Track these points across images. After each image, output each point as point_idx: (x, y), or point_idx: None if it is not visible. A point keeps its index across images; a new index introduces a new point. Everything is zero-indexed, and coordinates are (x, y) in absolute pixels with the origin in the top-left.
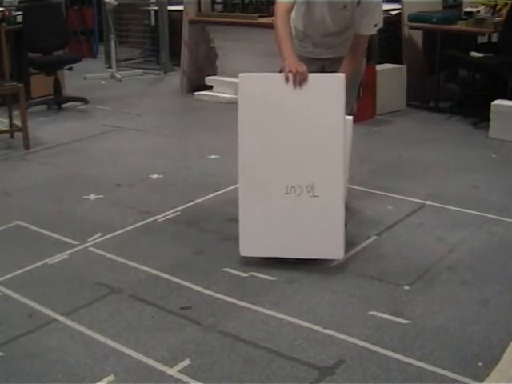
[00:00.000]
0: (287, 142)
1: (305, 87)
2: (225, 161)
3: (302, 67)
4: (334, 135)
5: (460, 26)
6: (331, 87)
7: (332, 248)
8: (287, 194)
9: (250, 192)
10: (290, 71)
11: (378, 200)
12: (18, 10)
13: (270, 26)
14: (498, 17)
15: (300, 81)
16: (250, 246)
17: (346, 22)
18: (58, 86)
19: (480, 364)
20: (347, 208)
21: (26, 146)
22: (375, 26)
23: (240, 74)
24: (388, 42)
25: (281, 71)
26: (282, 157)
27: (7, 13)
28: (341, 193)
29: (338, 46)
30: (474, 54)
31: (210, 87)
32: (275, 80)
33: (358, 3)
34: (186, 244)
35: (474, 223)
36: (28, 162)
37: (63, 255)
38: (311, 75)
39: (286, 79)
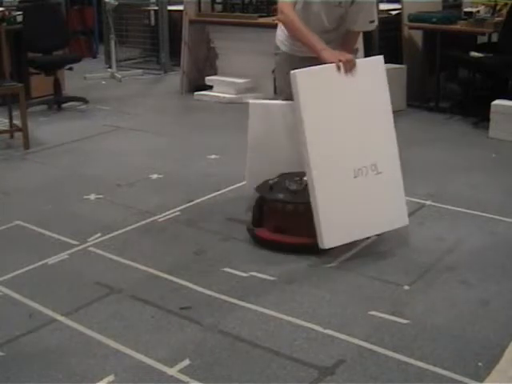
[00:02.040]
0: (348, 127)
1: (354, 73)
2: (225, 161)
3: (348, 55)
4: (385, 112)
5: (460, 26)
6: (375, 70)
7: (399, 217)
8: (356, 177)
9: (325, 184)
10: (339, 60)
11: None
12: (18, 9)
13: (270, 26)
14: (497, 17)
15: (350, 68)
16: (332, 236)
17: (339, 18)
18: (57, 86)
19: (480, 364)
20: None
21: (26, 146)
22: (371, 22)
23: (292, 72)
24: (388, 41)
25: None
26: (347, 142)
27: (7, 13)
28: (398, 164)
29: (331, 43)
30: (473, 53)
31: (210, 87)
32: (327, 71)
33: (352, 2)
34: (186, 244)
35: (474, 223)
36: (28, 161)
37: (63, 255)
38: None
39: (338, 68)
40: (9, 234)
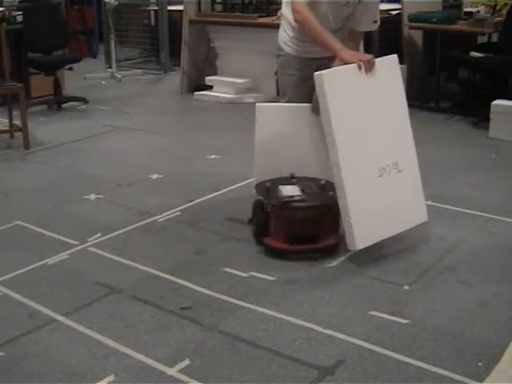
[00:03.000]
0: (371, 126)
1: (374, 72)
2: (225, 161)
3: (367, 55)
4: (402, 110)
5: (460, 26)
6: (392, 69)
7: (419, 213)
8: (380, 176)
9: (354, 184)
10: (360, 60)
11: None
12: (18, 9)
13: (270, 26)
14: (497, 17)
15: (370, 67)
16: (363, 237)
17: (345, 18)
18: (58, 86)
19: (480, 364)
20: None
21: (26, 146)
22: (375, 22)
23: (317, 73)
24: (388, 41)
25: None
26: (371, 141)
27: (7, 13)
28: (416, 162)
29: None
30: (473, 53)
31: (210, 87)
32: (349, 71)
33: (359, 2)
34: (186, 244)
35: (474, 223)
36: (28, 161)
37: (63, 255)
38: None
39: (359, 68)
40: (9, 234)
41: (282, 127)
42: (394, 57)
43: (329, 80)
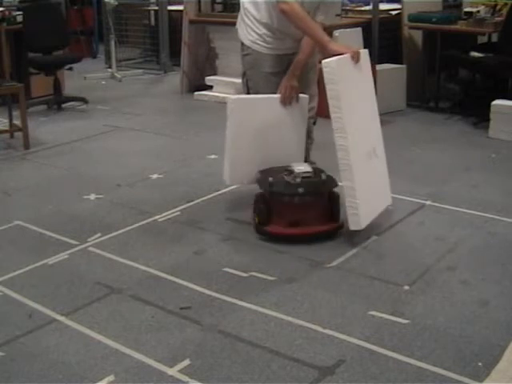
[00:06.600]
0: (360, 113)
1: (360, 63)
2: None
3: (353, 47)
4: (374, 99)
5: (460, 26)
6: (366, 61)
7: (387, 196)
8: (368, 159)
9: (357, 167)
10: (352, 51)
11: None
12: (18, 10)
13: None
14: (498, 17)
15: (359, 58)
16: (365, 216)
17: (312, 12)
18: (57, 86)
19: (480, 364)
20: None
21: (26, 146)
22: (337, 15)
23: (328, 60)
24: (388, 41)
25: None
26: (361, 127)
27: (7, 13)
28: (383, 149)
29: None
30: (474, 53)
31: (210, 87)
32: (346, 61)
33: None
34: (186, 244)
35: (474, 223)
36: (28, 161)
37: (63, 255)
38: None
39: (353, 58)
40: (9, 234)
41: (254, 119)
42: (366, 51)
43: (337, 68)
